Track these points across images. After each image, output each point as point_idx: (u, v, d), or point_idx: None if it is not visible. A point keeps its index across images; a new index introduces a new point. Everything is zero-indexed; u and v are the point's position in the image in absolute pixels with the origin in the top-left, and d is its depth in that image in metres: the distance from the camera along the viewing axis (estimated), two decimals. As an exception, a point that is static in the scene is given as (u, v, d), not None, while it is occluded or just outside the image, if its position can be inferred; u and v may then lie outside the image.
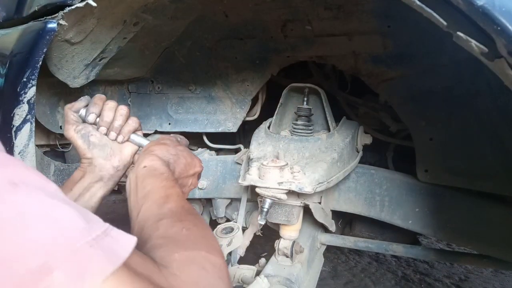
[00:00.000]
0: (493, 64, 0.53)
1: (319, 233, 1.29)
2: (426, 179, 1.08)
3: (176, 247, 0.54)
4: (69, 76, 1.03)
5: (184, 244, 0.55)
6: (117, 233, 0.42)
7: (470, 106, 0.99)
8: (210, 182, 1.35)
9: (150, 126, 1.43)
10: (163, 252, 0.52)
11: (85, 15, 0.87)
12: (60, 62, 0.98)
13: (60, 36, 0.89)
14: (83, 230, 0.39)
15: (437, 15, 0.54)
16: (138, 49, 1.19)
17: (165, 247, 0.54)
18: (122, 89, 1.45)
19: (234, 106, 1.34)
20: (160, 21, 1.08)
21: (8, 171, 0.39)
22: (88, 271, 0.37)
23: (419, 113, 1.06)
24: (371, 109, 1.32)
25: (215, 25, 1.24)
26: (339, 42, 1.12)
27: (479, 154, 1.00)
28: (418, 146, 1.08)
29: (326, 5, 1.04)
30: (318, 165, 0.98)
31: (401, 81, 1.07)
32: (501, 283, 2.25)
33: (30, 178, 0.41)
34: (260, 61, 1.28)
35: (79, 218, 0.40)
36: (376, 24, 1.03)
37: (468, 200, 1.06)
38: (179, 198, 0.65)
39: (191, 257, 0.52)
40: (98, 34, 0.96)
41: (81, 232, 0.38)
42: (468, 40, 0.52)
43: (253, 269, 1.10)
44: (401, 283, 2.22)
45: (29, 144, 0.96)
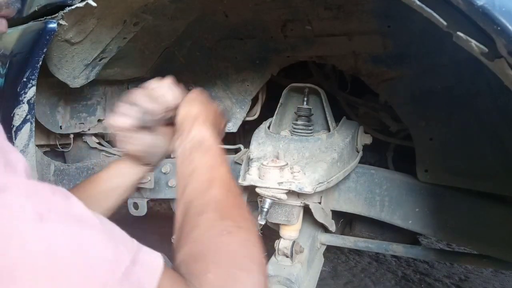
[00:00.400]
0: (493, 64, 0.53)
1: (319, 233, 1.29)
2: (426, 179, 1.08)
3: (212, 263, 0.50)
4: (69, 76, 1.03)
5: (220, 259, 0.51)
6: (144, 258, 0.42)
7: (470, 106, 0.99)
8: (210, 182, 1.35)
9: (150, 126, 1.43)
10: (198, 268, 0.49)
11: (85, 15, 0.87)
12: (60, 62, 0.98)
13: (60, 36, 0.89)
14: (112, 263, 0.39)
15: (437, 15, 0.54)
16: (138, 49, 1.19)
17: (200, 262, 0.50)
18: (122, 89, 1.45)
19: (234, 106, 1.34)
20: (160, 21, 1.08)
21: (35, 201, 0.38)
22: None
23: (419, 113, 1.06)
24: (371, 109, 1.32)
25: (215, 25, 1.24)
26: (339, 42, 1.12)
27: (479, 154, 1.00)
28: (418, 146, 1.08)
29: (326, 5, 1.04)
30: (318, 165, 0.98)
31: (401, 81, 1.07)
32: (501, 283, 2.25)
33: (55, 204, 0.40)
34: (260, 61, 1.28)
35: (108, 247, 0.40)
36: (376, 24, 1.03)
37: (468, 200, 1.06)
38: (223, 183, 0.62)
39: (224, 278, 0.48)
40: (98, 34, 0.96)
41: (110, 267, 0.38)
42: (468, 40, 0.52)
43: (253, 269, 1.09)
44: (401, 283, 2.22)
45: (29, 144, 0.96)
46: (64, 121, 1.29)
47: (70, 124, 1.31)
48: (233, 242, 0.53)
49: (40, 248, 0.35)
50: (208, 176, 0.63)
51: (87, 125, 1.36)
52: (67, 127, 1.30)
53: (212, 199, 0.59)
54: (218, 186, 0.61)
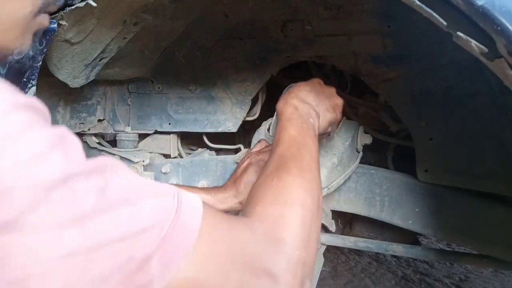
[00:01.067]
0: (493, 64, 0.53)
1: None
2: (426, 179, 1.08)
3: (260, 199, 0.58)
4: (69, 76, 1.04)
5: (266, 196, 0.59)
6: (186, 204, 0.45)
7: (470, 106, 0.99)
8: (210, 182, 1.35)
9: (150, 126, 1.43)
10: (248, 204, 0.59)
11: (85, 15, 0.87)
12: (60, 62, 0.98)
13: (60, 36, 0.89)
14: (166, 209, 0.43)
15: (437, 15, 0.54)
16: (138, 49, 1.19)
17: (251, 200, 0.60)
18: (122, 89, 1.45)
19: (234, 106, 1.34)
20: (160, 21, 1.08)
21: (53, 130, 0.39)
22: (175, 256, 0.41)
23: (419, 113, 1.06)
24: (371, 109, 1.32)
25: (215, 25, 1.24)
26: (339, 42, 1.12)
27: (479, 154, 1.00)
28: (418, 146, 1.08)
29: (326, 5, 1.04)
30: (318, 170, 0.97)
31: (401, 81, 1.08)
32: (501, 283, 2.25)
33: (112, 162, 0.44)
34: (260, 61, 1.28)
35: (156, 194, 0.44)
36: (376, 24, 1.03)
37: (468, 200, 1.06)
38: (291, 138, 0.71)
39: (270, 212, 0.56)
40: (98, 34, 0.96)
41: (165, 214, 0.42)
42: (468, 40, 0.53)
43: (253, 269, 1.10)
44: (401, 283, 2.22)
45: (29, 144, 0.96)
46: (64, 121, 1.29)
47: (70, 124, 1.31)
48: (280, 184, 0.61)
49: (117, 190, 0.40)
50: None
51: (87, 125, 1.37)
52: (67, 127, 1.30)
53: (276, 155, 0.68)
54: (285, 142, 0.70)
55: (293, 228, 0.54)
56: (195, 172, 1.36)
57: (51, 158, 0.36)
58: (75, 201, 0.36)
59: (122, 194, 0.40)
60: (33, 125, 0.36)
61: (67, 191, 0.35)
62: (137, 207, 0.40)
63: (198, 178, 1.36)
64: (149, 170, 1.38)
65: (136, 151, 1.40)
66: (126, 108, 1.44)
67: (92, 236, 0.36)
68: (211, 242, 0.45)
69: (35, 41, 0.60)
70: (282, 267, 0.49)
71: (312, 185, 0.63)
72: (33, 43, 0.59)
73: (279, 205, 0.57)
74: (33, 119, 0.37)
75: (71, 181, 0.36)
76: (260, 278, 0.48)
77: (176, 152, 1.47)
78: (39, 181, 0.34)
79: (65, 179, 0.36)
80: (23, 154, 0.34)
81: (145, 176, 1.34)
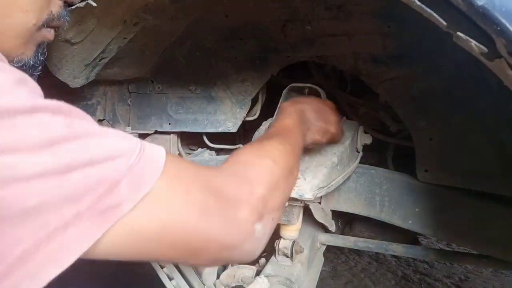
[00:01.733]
0: (493, 64, 0.53)
1: (319, 233, 1.29)
2: (426, 179, 1.08)
3: (231, 162, 0.62)
4: (69, 76, 1.04)
5: (247, 150, 0.66)
6: (149, 146, 0.48)
7: (470, 106, 0.99)
8: (210, 182, 1.35)
9: (150, 126, 1.43)
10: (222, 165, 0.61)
11: (85, 15, 0.87)
12: (60, 62, 0.98)
13: (60, 36, 0.89)
14: (131, 145, 0.45)
15: (437, 15, 0.54)
16: (138, 49, 1.19)
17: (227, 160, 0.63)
18: (122, 89, 1.45)
19: (234, 106, 1.34)
20: (160, 21, 1.08)
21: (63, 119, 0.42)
22: (143, 180, 0.44)
23: (419, 113, 1.06)
24: (371, 109, 1.32)
25: (215, 25, 1.24)
26: (339, 42, 1.12)
27: (479, 154, 1.00)
28: (418, 146, 1.08)
29: (326, 5, 1.04)
30: (318, 169, 0.97)
31: (401, 81, 1.07)
32: (501, 283, 2.25)
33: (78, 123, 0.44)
34: (260, 61, 1.28)
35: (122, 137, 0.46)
36: (376, 24, 1.03)
37: (468, 200, 1.06)
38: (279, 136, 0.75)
39: (238, 168, 0.60)
40: (98, 34, 0.96)
41: (130, 148, 0.45)
42: (468, 40, 0.53)
43: (253, 269, 1.10)
44: (401, 283, 2.22)
45: (29, 144, 0.96)
46: (64, 121, 1.29)
47: (70, 124, 1.31)
48: (259, 145, 0.68)
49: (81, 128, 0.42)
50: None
51: (87, 125, 1.36)
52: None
53: (265, 134, 0.76)
54: (278, 126, 0.78)
55: (260, 172, 0.59)
56: (195, 172, 1.36)
57: (16, 92, 0.39)
58: (42, 129, 0.38)
59: (88, 130, 0.43)
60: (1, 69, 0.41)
61: (34, 120, 0.38)
62: (104, 139, 0.43)
63: (198, 178, 1.36)
64: (149, 170, 1.38)
65: (136, 151, 1.40)
66: (126, 108, 1.44)
67: (62, 159, 0.38)
68: (176, 169, 0.49)
69: (38, 52, 0.62)
70: (243, 198, 0.54)
71: (289, 155, 0.68)
72: (35, 54, 0.61)
73: (252, 156, 0.63)
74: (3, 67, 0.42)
75: (37, 113, 0.39)
76: (222, 204, 0.51)
77: (176, 152, 1.47)
78: (3, 109, 0.36)
79: (30, 110, 0.38)
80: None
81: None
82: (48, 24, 0.60)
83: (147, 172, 0.44)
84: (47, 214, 0.37)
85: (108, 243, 0.41)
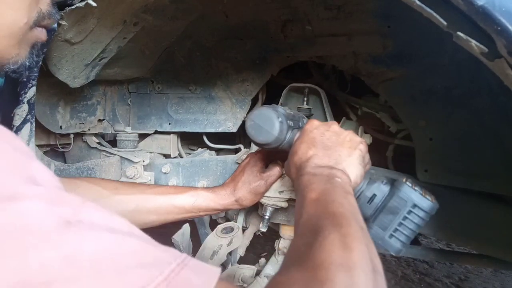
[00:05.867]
0: (493, 64, 0.53)
1: (319, 233, 1.29)
2: (426, 179, 1.08)
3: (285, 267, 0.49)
4: (69, 76, 1.03)
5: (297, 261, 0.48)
6: (194, 263, 0.38)
7: (470, 106, 0.99)
8: (210, 182, 1.35)
9: (150, 126, 1.43)
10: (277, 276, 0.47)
11: (85, 15, 0.87)
12: (60, 62, 0.98)
13: (60, 36, 0.89)
14: (152, 267, 0.35)
15: (437, 15, 0.54)
16: (138, 49, 1.19)
17: (280, 269, 0.48)
18: (122, 89, 1.45)
19: (234, 106, 1.34)
20: (160, 21, 1.08)
21: (61, 208, 0.35)
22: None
23: (419, 113, 1.06)
24: (371, 109, 1.32)
25: (215, 25, 1.24)
26: (339, 42, 1.12)
27: (479, 154, 1.00)
28: (418, 146, 1.08)
29: (326, 5, 1.04)
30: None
31: (401, 81, 1.07)
32: (501, 283, 2.25)
33: (86, 213, 0.36)
34: (260, 61, 1.28)
35: (147, 252, 0.36)
36: (376, 24, 1.03)
37: (468, 200, 1.06)
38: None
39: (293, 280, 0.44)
40: (98, 34, 0.96)
41: (149, 271, 0.34)
42: (468, 40, 0.53)
43: (253, 269, 1.10)
44: (401, 283, 2.22)
45: (30, 144, 0.96)
46: (64, 121, 1.29)
47: (70, 124, 1.31)
48: (316, 246, 0.49)
49: (67, 253, 0.32)
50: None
51: (87, 125, 1.36)
52: (67, 127, 1.30)
53: (300, 227, 0.57)
54: (307, 211, 0.58)
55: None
56: (195, 172, 1.36)
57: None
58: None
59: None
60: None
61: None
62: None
63: (198, 178, 1.36)
64: (149, 170, 1.38)
65: (136, 151, 1.40)
66: (126, 108, 1.44)
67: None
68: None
69: (32, 53, 0.62)
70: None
71: (356, 241, 0.48)
72: (30, 55, 0.61)
73: (314, 269, 0.44)
74: None
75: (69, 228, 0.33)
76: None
77: (176, 152, 1.47)
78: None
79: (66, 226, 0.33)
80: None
81: (145, 176, 1.34)
82: (39, 23, 0.60)
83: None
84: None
85: None
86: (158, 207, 0.93)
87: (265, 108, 0.78)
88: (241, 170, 0.99)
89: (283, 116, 0.78)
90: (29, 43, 0.60)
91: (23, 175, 0.36)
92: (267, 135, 0.76)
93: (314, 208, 0.57)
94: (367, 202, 0.78)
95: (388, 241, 0.75)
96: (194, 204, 0.94)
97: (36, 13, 0.58)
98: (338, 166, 0.69)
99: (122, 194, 0.91)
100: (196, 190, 0.96)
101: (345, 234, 0.48)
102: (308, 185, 0.63)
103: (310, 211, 0.57)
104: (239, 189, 0.96)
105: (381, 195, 0.78)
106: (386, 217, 0.75)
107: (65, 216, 0.34)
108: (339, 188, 0.61)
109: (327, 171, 0.66)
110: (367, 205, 0.78)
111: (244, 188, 0.96)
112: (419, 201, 0.74)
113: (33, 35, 0.60)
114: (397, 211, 0.74)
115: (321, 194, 0.59)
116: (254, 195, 0.96)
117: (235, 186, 0.97)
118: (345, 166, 0.70)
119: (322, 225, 0.51)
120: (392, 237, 0.75)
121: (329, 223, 0.51)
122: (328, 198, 0.57)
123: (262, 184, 0.96)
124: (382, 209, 0.76)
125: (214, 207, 0.96)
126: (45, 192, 0.35)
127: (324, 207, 0.55)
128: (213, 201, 0.96)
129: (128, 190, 0.93)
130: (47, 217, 0.33)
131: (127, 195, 0.92)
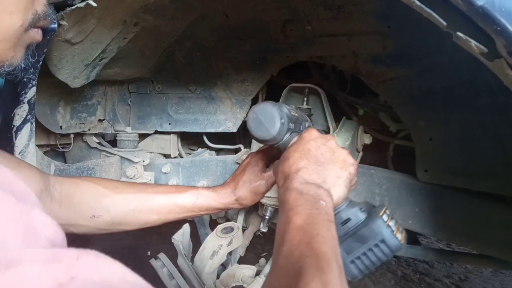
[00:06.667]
0: (493, 64, 0.54)
1: (319, 233, 1.29)
2: (426, 179, 1.08)
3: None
4: (69, 76, 1.04)
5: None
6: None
7: (470, 106, 0.99)
8: (210, 182, 1.35)
9: (150, 126, 1.43)
10: None
11: (86, 15, 0.87)
12: (60, 62, 0.98)
13: (60, 36, 0.89)
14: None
15: (437, 15, 0.54)
16: (138, 49, 1.19)
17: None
18: (122, 89, 1.45)
19: (234, 106, 1.34)
20: (160, 21, 1.08)
21: (58, 269, 0.34)
22: None
23: (419, 113, 1.06)
24: (371, 109, 1.32)
25: (215, 25, 1.24)
26: (339, 42, 1.12)
27: (479, 154, 1.00)
28: (418, 146, 1.08)
29: (326, 5, 1.04)
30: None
31: (401, 81, 1.08)
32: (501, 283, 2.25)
33: (79, 271, 0.34)
34: (260, 61, 1.28)
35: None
36: (376, 24, 1.03)
37: (468, 200, 1.06)
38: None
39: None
40: (98, 34, 0.96)
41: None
42: (468, 40, 0.53)
43: (253, 269, 1.10)
44: (401, 283, 2.22)
45: (30, 144, 0.96)
46: (64, 121, 1.29)
47: (70, 124, 1.31)
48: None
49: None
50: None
51: (87, 125, 1.37)
52: (67, 127, 1.30)
53: (282, 256, 0.58)
54: (292, 238, 0.60)
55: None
56: (195, 172, 1.36)
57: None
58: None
59: None
60: None
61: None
62: None
63: (198, 178, 1.36)
64: (149, 170, 1.38)
65: (136, 151, 1.40)
66: (126, 108, 1.45)
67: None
68: None
69: (28, 54, 0.61)
70: None
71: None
72: (26, 56, 0.60)
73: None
74: None
75: None
76: None
77: (176, 152, 1.47)
78: None
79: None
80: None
81: (145, 176, 1.34)
82: (34, 25, 0.58)
83: None
84: None
85: None
86: (159, 206, 0.93)
87: (271, 105, 0.77)
88: (242, 169, 0.99)
89: (286, 118, 0.78)
90: (24, 44, 0.59)
91: (23, 231, 0.35)
92: (265, 132, 0.77)
93: (298, 238, 0.57)
94: (340, 223, 0.80)
95: (348, 266, 0.77)
96: (195, 203, 0.94)
97: (31, 15, 0.57)
98: (324, 185, 0.70)
99: (123, 193, 0.91)
100: (197, 189, 0.97)
101: (326, 282, 0.49)
102: (294, 207, 0.63)
103: (293, 240, 0.58)
104: (240, 188, 0.96)
105: (355, 221, 0.79)
106: (353, 243, 0.77)
107: (58, 276, 0.33)
108: (323, 215, 0.62)
109: (314, 190, 0.67)
110: (339, 226, 0.79)
111: (245, 188, 0.96)
112: (388, 239, 0.75)
113: (28, 36, 0.59)
114: (365, 240, 0.76)
115: (305, 221, 0.60)
116: (255, 195, 0.96)
117: (235, 185, 0.97)
118: (331, 186, 0.71)
119: (304, 267, 0.51)
120: (353, 263, 0.77)
121: (312, 265, 0.52)
122: (313, 230, 0.58)
123: (263, 184, 0.96)
124: (352, 234, 0.78)
125: (214, 206, 0.96)
126: (40, 252, 0.34)
127: (308, 242, 0.56)
128: (213, 200, 0.96)
129: (128, 189, 0.93)
130: (41, 283, 0.32)
131: (128, 194, 0.92)
